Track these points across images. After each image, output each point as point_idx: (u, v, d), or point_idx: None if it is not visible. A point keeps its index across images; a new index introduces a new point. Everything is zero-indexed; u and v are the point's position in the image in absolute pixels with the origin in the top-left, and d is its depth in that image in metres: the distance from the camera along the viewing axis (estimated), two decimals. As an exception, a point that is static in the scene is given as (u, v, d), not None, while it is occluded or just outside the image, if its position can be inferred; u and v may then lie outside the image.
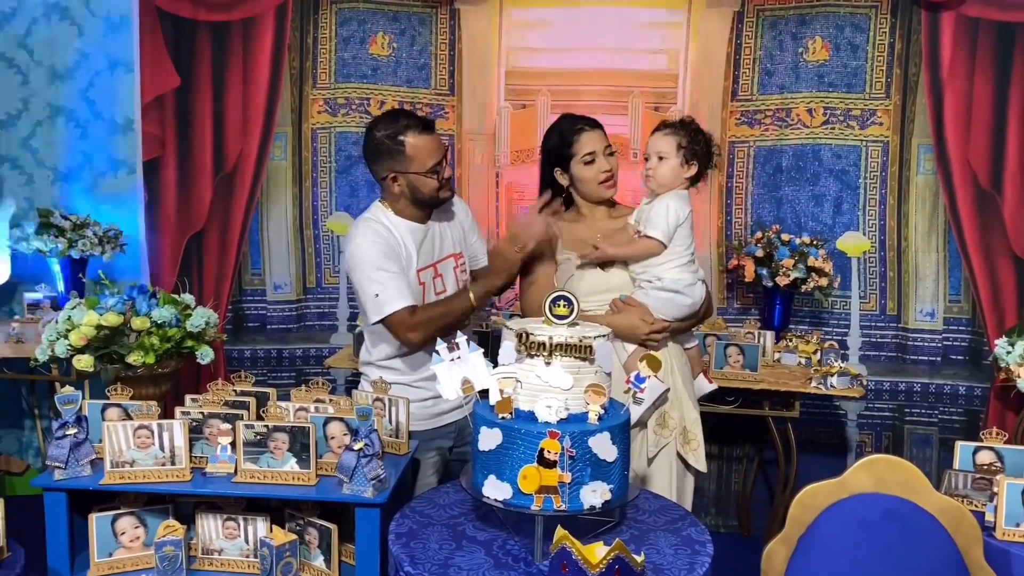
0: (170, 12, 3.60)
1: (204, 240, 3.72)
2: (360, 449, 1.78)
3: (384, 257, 2.20)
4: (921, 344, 3.61)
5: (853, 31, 3.57)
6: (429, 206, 2.32)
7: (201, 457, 1.96)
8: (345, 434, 1.95)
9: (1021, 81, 3.40)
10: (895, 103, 3.57)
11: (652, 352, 1.74)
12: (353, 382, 3.50)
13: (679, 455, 2.22)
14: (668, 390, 2.15)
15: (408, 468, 2.07)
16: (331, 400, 2.09)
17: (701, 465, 2.23)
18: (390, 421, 2.07)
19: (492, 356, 1.67)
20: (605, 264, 2.25)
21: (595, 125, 2.30)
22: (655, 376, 1.68)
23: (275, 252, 3.84)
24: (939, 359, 3.60)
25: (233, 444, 1.91)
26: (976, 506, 1.96)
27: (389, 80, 3.78)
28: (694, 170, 2.22)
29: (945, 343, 3.59)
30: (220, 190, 3.72)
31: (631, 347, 2.17)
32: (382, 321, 2.20)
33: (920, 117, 3.53)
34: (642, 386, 1.67)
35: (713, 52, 3.66)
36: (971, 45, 3.44)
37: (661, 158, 2.20)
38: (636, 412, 1.80)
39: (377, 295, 2.17)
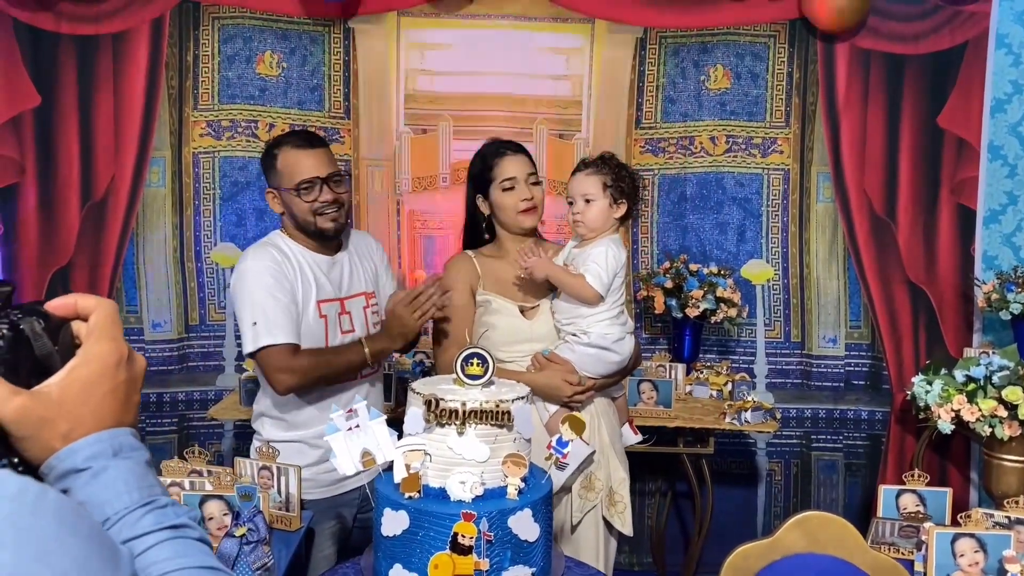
0: (28, 24, 3.25)
1: (72, 275, 3.35)
2: (242, 535, 1.55)
3: (273, 282, 1.98)
4: (825, 370, 3.63)
5: (753, 60, 3.58)
6: (316, 236, 2.09)
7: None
8: (225, 514, 1.69)
9: (911, 111, 3.49)
10: (794, 131, 3.60)
11: (575, 413, 1.58)
12: (243, 428, 3.21)
13: (604, 518, 2.07)
14: (594, 452, 1.99)
15: (301, 544, 1.84)
16: (210, 473, 1.83)
17: (628, 530, 2.07)
18: (279, 492, 1.83)
19: (396, 399, 1.47)
20: (527, 310, 2.09)
21: (519, 150, 2.15)
22: (580, 438, 1.53)
23: (153, 287, 3.50)
24: (842, 385, 3.62)
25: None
26: (904, 554, 1.90)
27: (279, 102, 3.52)
28: (623, 209, 2.08)
29: (847, 368, 3.62)
30: (89, 220, 3.37)
31: (553, 407, 2.00)
32: (255, 355, 1.96)
33: (818, 145, 3.57)
34: (565, 451, 1.51)
35: (617, 79, 3.59)
36: (864, 75, 3.51)
37: (588, 200, 2.05)
38: (560, 478, 1.64)
39: (255, 323, 1.94)
